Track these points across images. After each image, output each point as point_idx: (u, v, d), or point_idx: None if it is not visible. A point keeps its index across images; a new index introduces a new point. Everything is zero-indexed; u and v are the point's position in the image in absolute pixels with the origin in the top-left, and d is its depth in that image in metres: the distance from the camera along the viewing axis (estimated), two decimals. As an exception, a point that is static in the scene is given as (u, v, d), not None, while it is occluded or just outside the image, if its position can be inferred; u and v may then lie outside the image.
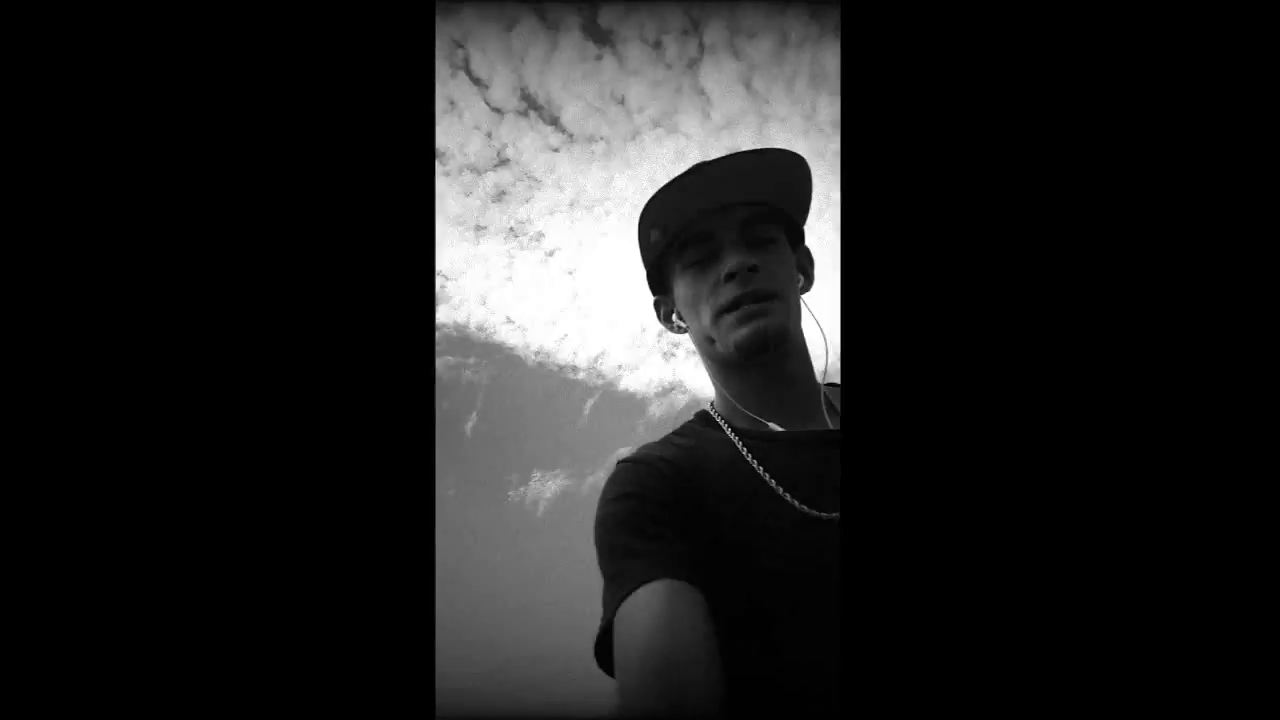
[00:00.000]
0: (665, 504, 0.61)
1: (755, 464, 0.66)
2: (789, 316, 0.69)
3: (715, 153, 0.73)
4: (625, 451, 0.71)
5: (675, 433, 0.75)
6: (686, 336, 0.77)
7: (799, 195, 0.75)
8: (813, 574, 0.57)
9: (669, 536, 0.59)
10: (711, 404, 0.77)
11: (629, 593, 0.53)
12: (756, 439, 0.69)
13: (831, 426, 0.69)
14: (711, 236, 0.70)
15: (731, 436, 0.70)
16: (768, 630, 0.56)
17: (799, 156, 0.72)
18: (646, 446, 0.71)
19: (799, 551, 0.58)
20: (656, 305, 0.81)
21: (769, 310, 0.68)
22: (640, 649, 0.49)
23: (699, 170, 0.70)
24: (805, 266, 0.78)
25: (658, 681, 0.47)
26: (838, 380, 0.79)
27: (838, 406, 0.74)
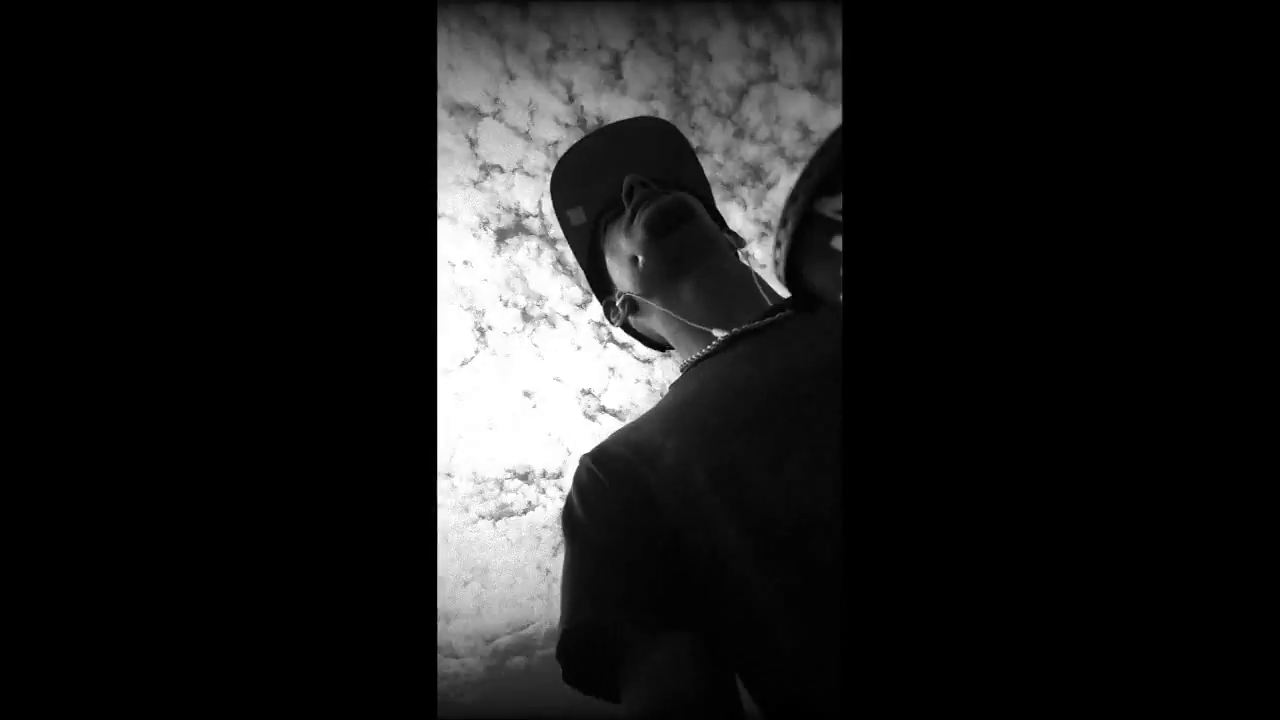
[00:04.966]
0: (615, 525, 0.54)
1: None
2: (692, 201, 0.68)
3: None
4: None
5: (661, 401, 0.67)
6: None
7: (693, 167, 0.77)
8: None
9: (636, 580, 0.51)
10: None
11: (630, 670, 0.48)
12: (703, 358, 0.63)
13: (769, 302, 0.64)
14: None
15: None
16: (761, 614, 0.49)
17: (671, 125, 0.76)
18: (619, 430, 0.63)
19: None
20: (607, 308, 0.78)
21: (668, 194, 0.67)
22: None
23: (594, 136, 0.73)
24: (732, 232, 0.76)
25: None
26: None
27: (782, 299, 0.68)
